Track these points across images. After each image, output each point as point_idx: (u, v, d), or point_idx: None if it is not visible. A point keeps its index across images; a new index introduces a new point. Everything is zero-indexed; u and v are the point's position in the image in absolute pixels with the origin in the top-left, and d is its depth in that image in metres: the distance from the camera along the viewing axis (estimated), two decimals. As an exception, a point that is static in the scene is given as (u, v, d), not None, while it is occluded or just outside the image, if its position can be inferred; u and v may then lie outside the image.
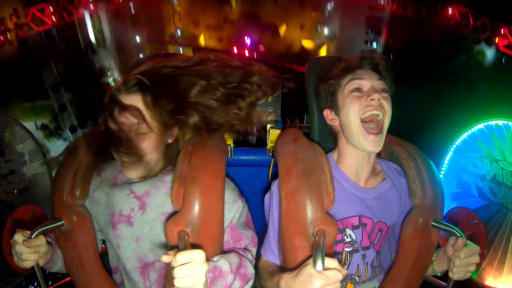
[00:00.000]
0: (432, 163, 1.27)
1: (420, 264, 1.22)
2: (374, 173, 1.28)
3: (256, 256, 1.22)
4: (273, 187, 1.21)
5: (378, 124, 1.18)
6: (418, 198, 1.20)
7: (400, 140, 1.36)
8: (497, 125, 2.75)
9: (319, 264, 0.85)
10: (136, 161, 1.11)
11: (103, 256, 1.28)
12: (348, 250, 1.21)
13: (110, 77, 8.79)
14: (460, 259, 1.10)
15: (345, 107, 1.21)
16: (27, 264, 1.09)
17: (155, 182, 1.19)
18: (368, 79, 1.20)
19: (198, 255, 0.86)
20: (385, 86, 1.21)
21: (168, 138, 1.15)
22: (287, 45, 10.15)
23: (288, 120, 1.78)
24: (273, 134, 1.65)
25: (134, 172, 1.14)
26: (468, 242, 1.11)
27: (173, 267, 0.85)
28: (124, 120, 1.09)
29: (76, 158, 1.19)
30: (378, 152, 1.23)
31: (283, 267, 1.11)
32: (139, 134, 1.10)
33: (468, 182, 2.96)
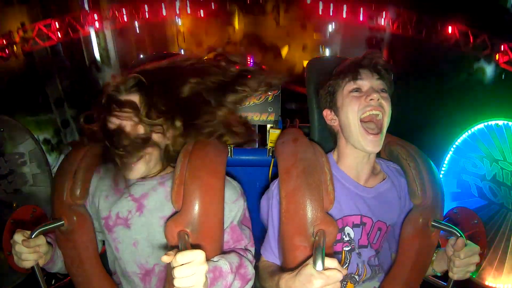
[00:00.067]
0: (432, 163, 1.27)
1: (420, 264, 1.22)
2: (374, 173, 1.28)
3: (256, 256, 1.22)
4: (273, 187, 1.21)
5: (377, 124, 1.18)
6: (418, 198, 1.20)
7: (400, 140, 1.36)
8: (497, 125, 2.75)
9: (319, 264, 0.85)
10: (135, 161, 1.11)
11: (103, 256, 1.28)
12: (347, 249, 1.21)
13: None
14: (460, 259, 1.10)
15: (344, 107, 1.21)
16: (27, 264, 1.08)
17: (154, 186, 1.18)
18: (367, 79, 1.20)
19: (198, 255, 0.86)
20: (384, 86, 1.21)
21: (167, 139, 1.15)
22: (289, 66, 10.18)
23: (288, 120, 1.78)
24: (273, 134, 1.65)
25: (134, 172, 1.13)
26: (468, 242, 1.11)
27: (173, 267, 0.85)
28: (124, 119, 1.09)
29: (76, 158, 1.20)
30: (378, 152, 1.23)
31: (283, 267, 1.11)
32: (138, 134, 1.10)
33: (468, 182, 2.96)
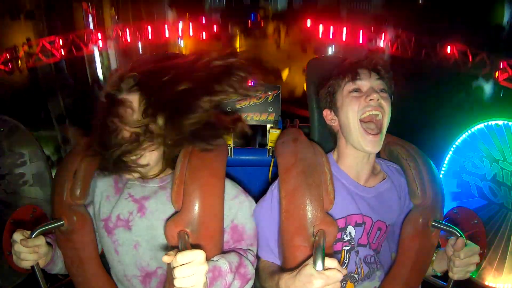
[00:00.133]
0: (432, 163, 1.27)
1: (420, 264, 1.22)
2: (374, 172, 1.28)
3: (256, 256, 1.22)
4: (273, 187, 1.21)
5: (377, 124, 1.18)
6: (418, 198, 1.20)
7: (400, 140, 1.36)
8: (497, 125, 2.74)
9: (319, 264, 0.85)
10: (134, 160, 1.10)
11: (103, 256, 1.28)
12: (346, 249, 1.21)
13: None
14: (460, 259, 1.10)
15: (344, 107, 1.21)
16: (26, 264, 1.08)
17: (155, 189, 1.18)
18: (367, 79, 1.20)
19: (198, 255, 0.86)
20: (384, 86, 1.21)
21: (167, 139, 1.15)
22: (289, 89, 10.19)
23: (288, 120, 1.78)
24: (273, 134, 1.65)
25: (133, 172, 1.13)
26: (468, 242, 1.11)
27: (173, 267, 0.85)
28: (123, 118, 1.09)
29: (76, 158, 1.19)
30: (378, 152, 1.23)
31: (283, 267, 1.11)
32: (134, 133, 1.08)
33: (468, 182, 2.96)
